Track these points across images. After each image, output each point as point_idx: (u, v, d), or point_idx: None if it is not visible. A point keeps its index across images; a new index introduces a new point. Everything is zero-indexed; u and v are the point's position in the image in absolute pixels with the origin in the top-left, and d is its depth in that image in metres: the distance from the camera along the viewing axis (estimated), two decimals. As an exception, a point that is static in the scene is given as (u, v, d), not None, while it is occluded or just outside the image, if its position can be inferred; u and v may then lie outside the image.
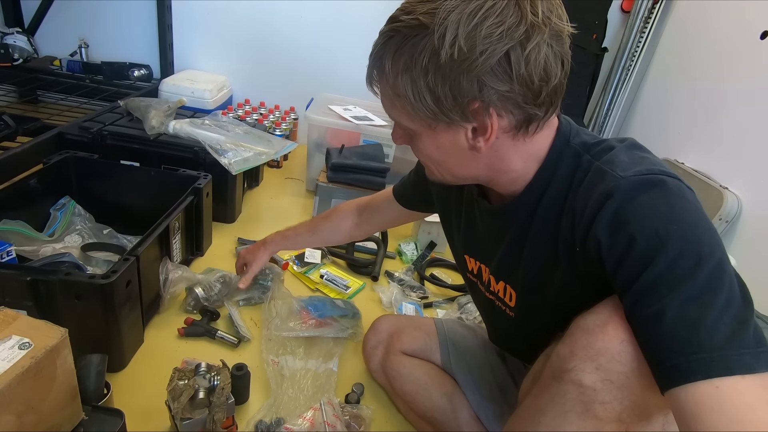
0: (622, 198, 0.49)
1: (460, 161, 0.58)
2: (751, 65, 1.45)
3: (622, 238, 0.48)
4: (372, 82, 0.58)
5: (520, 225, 0.63)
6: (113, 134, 1.34)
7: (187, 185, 1.15)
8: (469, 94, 0.50)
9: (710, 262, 0.45)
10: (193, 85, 1.88)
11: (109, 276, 0.80)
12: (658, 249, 0.46)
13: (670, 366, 0.44)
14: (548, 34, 0.49)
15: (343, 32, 2.01)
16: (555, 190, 0.58)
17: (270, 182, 1.77)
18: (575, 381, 0.49)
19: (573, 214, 0.54)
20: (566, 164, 0.58)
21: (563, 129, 0.59)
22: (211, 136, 1.36)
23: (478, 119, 0.53)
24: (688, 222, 0.47)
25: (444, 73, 0.50)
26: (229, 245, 1.34)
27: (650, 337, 0.46)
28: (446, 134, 0.55)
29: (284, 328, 0.99)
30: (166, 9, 1.94)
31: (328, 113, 1.68)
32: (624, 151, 0.54)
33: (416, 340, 0.90)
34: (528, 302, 0.66)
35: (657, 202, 0.48)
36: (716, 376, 0.42)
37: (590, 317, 0.51)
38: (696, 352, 0.43)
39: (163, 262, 1.02)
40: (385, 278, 1.34)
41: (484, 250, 0.72)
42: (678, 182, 0.49)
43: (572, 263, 0.56)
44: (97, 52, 2.03)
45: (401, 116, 0.57)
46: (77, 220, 1.17)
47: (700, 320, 0.43)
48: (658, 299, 0.45)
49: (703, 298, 0.44)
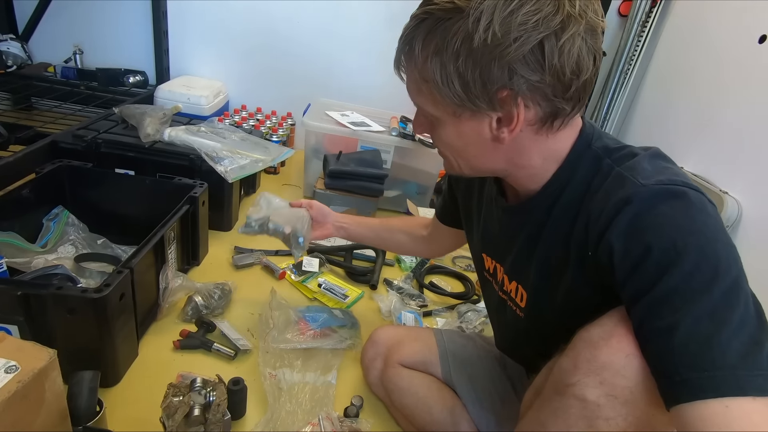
0: (641, 205, 0.48)
1: (481, 152, 0.58)
2: (750, 69, 1.45)
3: (637, 247, 0.47)
4: (399, 65, 0.58)
5: (534, 225, 0.62)
6: (108, 142, 1.32)
7: (182, 194, 1.14)
8: (498, 82, 0.50)
9: (727, 279, 0.44)
10: (189, 92, 1.86)
11: (102, 290, 0.78)
12: (675, 261, 0.45)
13: (680, 381, 0.43)
14: (583, 27, 0.49)
15: (340, 37, 2.00)
16: (572, 192, 0.57)
17: (267, 189, 1.74)
18: (578, 396, 0.48)
19: (588, 217, 0.53)
20: (586, 167, 0.57)
21: (586, 131, 0.59)
22: (207, 144, 1.34)
23: (504, 108, 0.52)
24: (707, 236, 0.46)
25: (475, 57, 0.49)
26: (226, 254, 1.33)
27: (660, 350, 0.44)
28: (470, 123, 0.55)
29: (282, 340, 0.97)
30: (161, 15, 1.92)
31: (325, 119, 1.67)
32: (647, 159, 0.53)
33: (415, 353, 0.89)
34: (537, 303, 0.65)
35: (677, 213, 0.47)
36: (727, 396, 0.41)
37: (594, 330, 0.50)
38: (707, 369, 0.42)
39: (163, 270, 1.00)
40: (383, 286, 1.32)
41: (500, 249, 0.72)
42: (700, 195, 0.48)
43: (582, 267, 0.55)
44: (91, 58, 2.01)
45: (426, 102, 0.56)
46: (71, 230, 1.15)
47: (714, 337, 0.42)
48: (671, 312, 0.44)
49: (718, 314, 0.43)
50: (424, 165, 1.71)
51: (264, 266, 1.30)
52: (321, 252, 1.37)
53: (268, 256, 1.34)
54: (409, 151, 1.66)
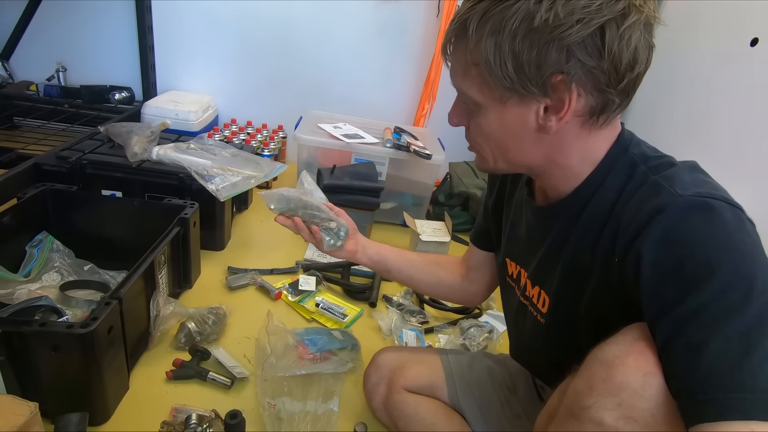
0: (676, 216, 0.46)
1: (522, 143, 0.56)
2: (743, 72, 1.44)
3: (668, 259, 0.45)
4: (447, 48, 0.56)
5: (562, 229, 0.60)
6: (93, 163, 1.28)
7: (173, 215, 1.10)
8: (554, 65, 0.49)
9: (762, 299, 0.42)
10: (177, 107, 1.82)
11: (89, 324, 0.74)
12: (707, 276, 0.43)
13: (705, 400, 0.40)
14: (643, 19, 0.48)
15: (331, 48, 1.98)
16: (603, 197, 0.55)
17: (260, 205, 1.71)
18: (595, 420, 0.45)
19: (618, 224, 0.51)
20: (619, 172, 0.55)
21: (624, 137, 0.57)
22: (197, 161, 1.30)
23: (555, 94, 0.51)
24: (743, 254, 0.44)
25: (533, 38, 0.48)
26: (219, 275, 1.28)
27: (685, 368, 0.42)
28: (516, 109, 0.53)
29: (280, 367, 0.93)
30: (147, 29, 1.89)
31: (317, 132, 1.64)
32: (687, 170, 0.52)
33: (420, 376, 0.85)
34: (559, 309, 0.63)
35: (713, 228, 0.45)
36: (755, 419, 0.38)
37: (609, 348, 0.47)
38: (736, 390, 0.39)
39: (153, 297, 0.96)
40: (383, 303, 1.29)
41: (525, 253, 0.70)
42: (739, 212, 0.46)
43: (607, 274, 0.53)
44: (75, 75, 1.96)
45: (471, 87, 0.55)
46: (55, 256, 1.10)
47: (745, 358, 0.40)
48: (701, 329, 0.42)
49: (751, 336, 0.41)
50: (420, 176, 1.68)
51: (259, 287, 1.26)
52: (317, 269, 1.34)
53: (263, 276, 1.30)
54: (404, 163, 1.64)
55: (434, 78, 1.93)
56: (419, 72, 2.00)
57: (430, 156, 1.59)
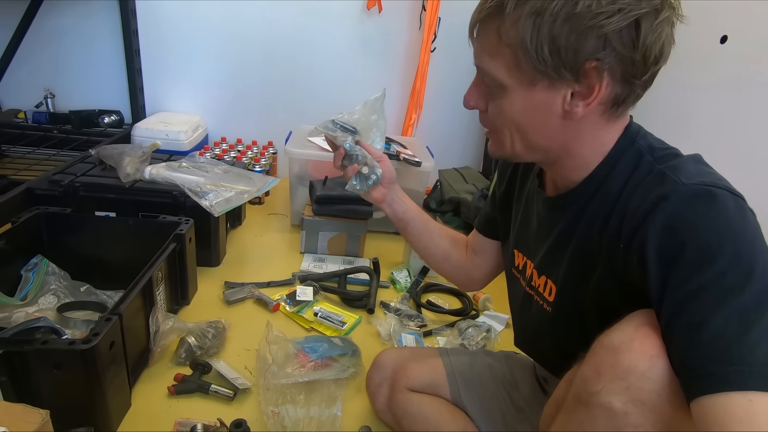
0: (679, 203, 0.48)
1: (543, 127, 0.57)
2: (715, 68, 1.50)
3: (672, 244, 0.47)
4: (474, 28, 0.57)
5: (571, 217, 0.62)
6: (86, 185, 1.28)
7: (168, 232, 1.11)
8: (591, 52, 0.50)
9: (761, 282, 0.44)
10: (166, 128, 1.84)
11: (91, 339, 0.74)
12: (708, 260, 0.45)
13: (705, 374, 0.42)
14: (673, 15, 0.51)
15: (317, 63, 2.01)
16: (610, 187, 0.57)
17: (253, 220, 1.73)
18: (604, 405, 0.47)
19: (624, 212, 0.53)
20: (626, 163, 0.57)
21: (632, 128, 0.60)
22: (190, 179, 1.32)
23: (586, 81, 0.52)
24: (744, 239, 0.46)
25: (574, 23, 0.49)
26: (216, 290, 1.29)
27: (687, 345, 0.44)
28: (544, 93, 0.54)
29: (282, 375, 0.93)
30: (134, 53, 1.91)
31: (307, 145, 1.66)
32: (691, 162, 0.54)
33: (422, 375, 0.86)
34: (566, 297, 0.64)
35: (715, 214, 0.47)
36: (752, 390, 0.40)
37: (614, 334, 0.49)
38: (735, 364, 0.41)
39: (152, 313, 0.96)
40: (381, 309, 1.30)
41: (533, 243, 0.71)
42: (741, 201, 0.49)
43: (613, 262, 0.55)
44: (64, 101, 1.98)
45: (499, 68, 0.55)
46: (51, 279, 1.10)
47: (744, 335, 0.42)
48: (702, 309, 0.44)
49: (750, 314, 0.43)
50: (410, 183, 1.70)
51: (256, 299, 1.27)
52: (314, 280, 1.35)
53: (260, 289, 1.31)
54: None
55: (420, 88, 1.97)
56: (405, 83, 2.04)
57: (420, 163, 1.61)
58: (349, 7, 1.93)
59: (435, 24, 1.89)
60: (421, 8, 1.91)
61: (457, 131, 2.18)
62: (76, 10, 1.87)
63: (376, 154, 0.81)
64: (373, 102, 0.82)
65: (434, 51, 1.95)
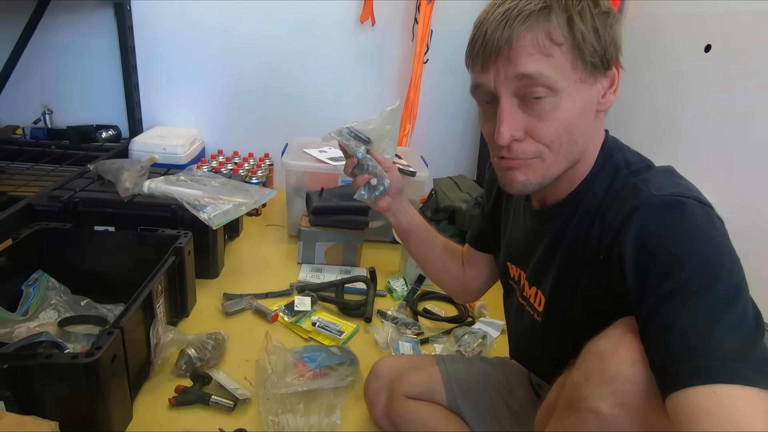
0: (650, 213, 0.51)
1: (587, 127, 0.60)
2: (700, 76, 1.54)
3: (645, 252, 0.50)
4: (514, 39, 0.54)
5: (557, 230, 0.65)
6: (85, 200, 1.30)
7: (167, 245, 1.12)
8: (615, 44, 0.57)
9: (727, 283, 0.46)
10: (164, 142, 1.86)
11: (94, 353, 0.75)
12: (678, 265, 0.47)
13: (675, 371, 0.44)
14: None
15: (312, 76, 2.05)
16: (591, 200, 0.60)
17: (250, 231, 1.74)
18: (593, 409, 0.49)
19: (603, 224, 0.56)
20: (605, 176, 0.60)
21: (608, 143, 0.63)
22: (188, 192, 1.34)
23: (611, 71, 0.58)
24: (711, 245, 0.48)
25: (604, 19, 0.56)
26: (215, 302, 1.30)
27: (659, 346, 0.46)
28: (590, 89, 0.57)
29: (281, 384, 0.95)
30: (131, 69, 1.94)
31: (304, 157, 1.68)
32: (662, 174, 0.57)
33: (419, 382, 0.88)
34: (554, 306, 0.67)
35: (684, 223, 0.49)
36: (716, 383, 0.42)
37: (601, 342, 0.51)
38: (700, 359, 0.44)
39: (153, 326, 0.98)
40: (378, 318, 1.31)
41: (524, 255, 0.73)
42: (708, 209, 0.51)
43: (596, 271, 0.57)
44: (61, 117, 2.00)
45: (555, 69, 0.54)
46: (52, 294, 1.11)
47: (709, 331, 0.44)
48: (671, 310, 0.46)
49: (715, 313, 0.45)
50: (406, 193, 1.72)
51: (255, 310, 1.28)
52: (312, 290, 1.36)
53: (259, 300, 1.32)
54: (389, 181, 1.68)
55: (414, 99, 2.00)
56: (399, 94, 2.08)
57: (415, 173, 1.64)
58: (343, 21, 1.97)
59: (427, 36, 1.93)
60: (414, 21, 1.95)
61: (450, 140, 2.22)
62: (74, 28, 1.90)
63: (386, 165, 0.82)
64: (390, 113, 0.83)
65: (427, 62, 1.98)
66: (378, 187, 0.80)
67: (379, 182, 0.80)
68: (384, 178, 0.80)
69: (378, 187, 0.80)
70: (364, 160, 0.79)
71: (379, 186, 0.80)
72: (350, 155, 0.80)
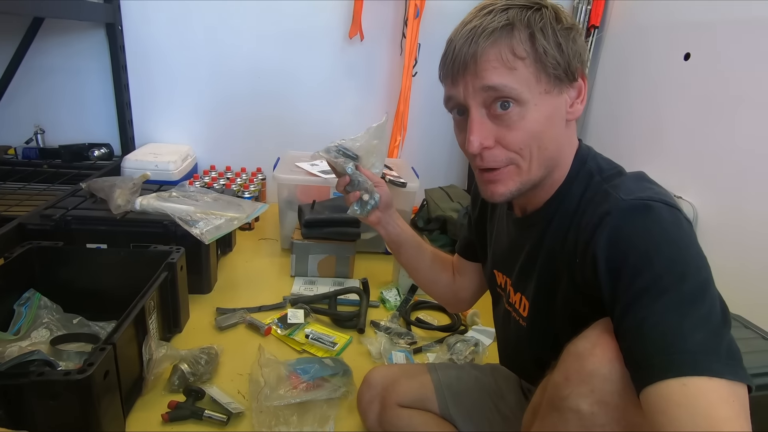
0: (620, 217, 0.53)
1: (557, 135, 0.62)
2: (681, 83, 1.58)
3: (616, 255, 0.52)
4: (479, 54, 0.57)
5: (537, 236, 0.67)
6: (77, 218, 1.31)
7: (159, 261, 1.13)
8: (578, 56, 0.60)
9: (694, 280, 0.48)
10: (156, 158, 1.87)
11: (86, 369, 0.76)
12: (647, 265, 0.49)
13: (646, 365, 0.46)
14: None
15: (303, 91, 2.08)
16: (567, 206, 0.63)
17: (243, 246, 1.75)
18: (573, 408, 0.50)
19: (578, 229, 0.58)
20: (579, 184, 0.63)
21: (582, 151, 0.66)
22: (180, 208, 1.35)
23: (578, 81, 0.61)
24: (678, 245, 0.50)
25: (566, 33, 0.59)
26: (208, 317, 1.30)
27: (631, 342, 0.48)
28: (556, 99, 0.60)
29: (274, 397, 0.95)
30: (123, 88, 1.96)
31: (295, 171, 1.70)
32: (632, 179, 0.59)
33: (411, 391, 0.89)
34: (538, 311, 0.68)
35: (651, 225, 0.51)
36: (685, 375, 0.44)
37: (580, 342, 0.53)
38: (669, 353, 0.45)
39: (145, 342, 0.98)
40: (371, 329, 1.32)
41: (508, 262, 0.75)
42: (675, 211, 0.53)
43: (573, 276, 0.59)
44: (54, 136, 2.01)
45: (520, 81, 0.57)
46: (44, 313, 1.11)
47: (677, 326, 0.46)
48: (642, 308, 0.48)
49: (683, 308, 0.47)
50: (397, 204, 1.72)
51: (248, 324, 1.29)
52: (304, 302, 1.37)
53: (252, 314, 1.33)
54: (380, 192, 1.70)
55: (403, 111, 2.03)
56: (389, 106, 2.11)
57: (405, 184, 1.66)
58: (332, 37, 2.01)
59: (415, 50, 1.97)
60: (402, 35, 1.99)
61: (440, 151, 2.25)
62: (67, 49, 1.92)
63: (375, 180, 0.84)
64: (376, 129, 0.86)
65: (416, 75, 2.02)
66: (369, 202, 0.82)
67: (370, 197, 0.82)
68: (374, 193, 0.83)
69: (369, 202, 0.82)
70: (354, 177, 0.82)
71: (370, 201, 0.82)
72: (340, 173, 0.83)
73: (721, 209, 1.39)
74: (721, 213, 1.39)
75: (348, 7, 1.95)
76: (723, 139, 1.41)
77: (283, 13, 1.95)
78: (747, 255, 1.28)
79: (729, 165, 1.38)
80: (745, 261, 1.27)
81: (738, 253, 1.29)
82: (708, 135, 1.46)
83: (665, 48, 1.67)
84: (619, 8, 1.92)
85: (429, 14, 1.95)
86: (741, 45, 1.37)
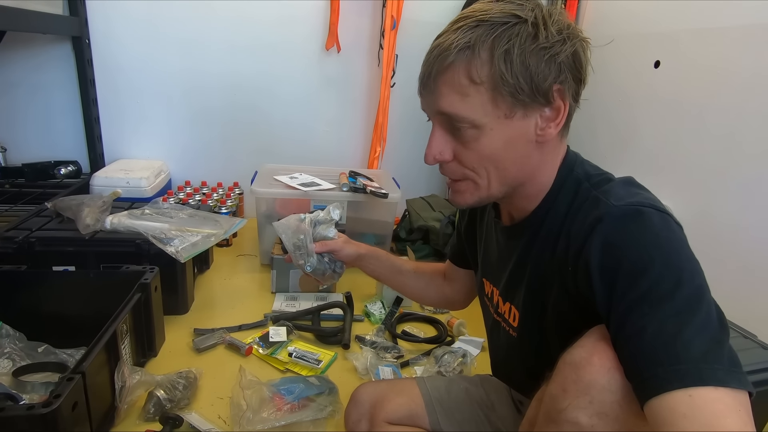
0: (612, 224, 0.52)
1: (520, 157, 0.60)
2: (651, 90, 1.62)
3: (610, 262, 0.51)
4: (432, 78, 0.58)
5: (525, 244, 0.65)
6: (42, 240, 1.24)
7: (132, 282, 1.07)
8: (556, 76, 0.56)
9: (690, 286, 0.47)
10: (127, 175, 1.80)
11: (52, 402, 0.70)
12: (642, 272, 0.48)
13: (649, 376, 0.45)
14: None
15: (280, 103, 2.05)
16: (555, 214, 0.62)
17: (221, 262, 1.70)
18: (572, 420, 0.49)
19: (568, 236, 0.57)
20: (568, 191, 0.62)
21: (569, 158, 0.64)
22: (154, 226, 1.29)
23: (554, 103, 0.57)
24: (670, 250, 0.50)
25: (539, 53, 0.55)
26: (185, 338, 1.25)
27: (632, 352, 0.47)
28: (520, 123, 0.57)
29: (257, 420, 0.91)
30: (91, 102, 1.89)
31: (274, 184, 1.66)
32: (621, 185, 0.58)
33: (400, 407, 0.86)
34: (528, 322, 0.67)
35: (644, 231, 0.51)
36: (690, 386, 0.43)
37: (575, 351, 0.52)
38: (672, 363, 0.44)
39: (117, 368, 0.92)
40: (356, 344, 1.28)
41: (496, 272, 0.74)
42: (666, 216, 0.52)
43: (564, 284, 0.58)
44: (17, 155, 1.91)
45: (473, 107, 0.57)
46: (6, 342, 1.04)
47: (678, 335, 0.45)
48: (640, 317, 0.47)
49: (682, 316, 0.46)
50: (379, 215, 1.73)
51: (228, 344, 1.24)
52: (287, 319, 1.33)
53: (232, 333, 1.27)
54: (362, 204, 1.68)
55: (382, 122, 2.03)
56: (368, 117, 2.10)
57: (387, 195, 1.64)
58: (308, 49, 1.99)
59: (393, 60, 1.97)
60: (379, 46, 1.99)
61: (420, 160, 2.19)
62: (29, 62, 1.84)
63: (334, 246, 0.89)
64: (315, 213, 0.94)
65: (394, 86, 2.02)
66: (338, 272, 0.93)
67: (338, 269, 0.93)
68: (337, 265, 0.92)
69: (338, 272, 0.93)
70: (316, 271, 0.89)
71: (338, 270, 0.93)
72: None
73: (693, 211, 1.42)
74: (693, 215, 1.42)
75: (324, 19, 1.94)
76: (694, 144, 1.45)
77: (257, 24, 1.93)
78: (717, 258, 1.31)
79: (700, 169, 1.42)
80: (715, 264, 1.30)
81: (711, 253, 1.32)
82: (680, 140, 1.50)
83: (636, 56, 1.71)
84: (590, 20, 1.97)
85: (405, 25, 1.95)
86: (707, 52, 1.41)
